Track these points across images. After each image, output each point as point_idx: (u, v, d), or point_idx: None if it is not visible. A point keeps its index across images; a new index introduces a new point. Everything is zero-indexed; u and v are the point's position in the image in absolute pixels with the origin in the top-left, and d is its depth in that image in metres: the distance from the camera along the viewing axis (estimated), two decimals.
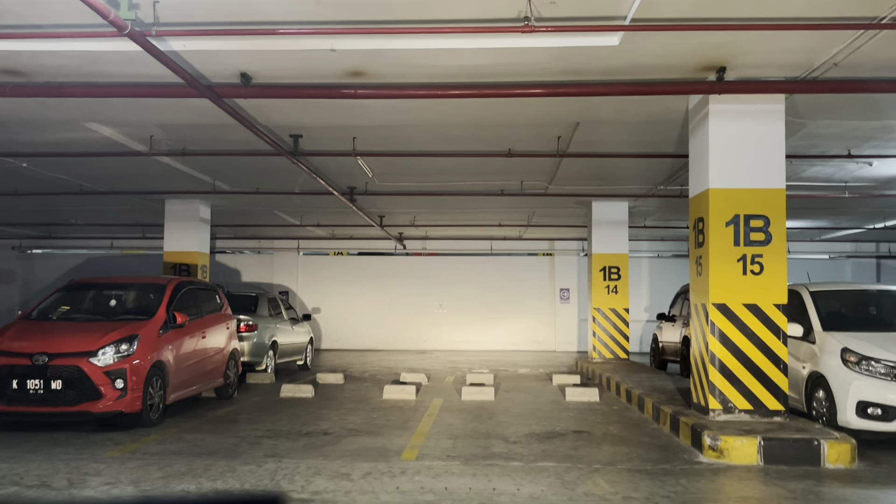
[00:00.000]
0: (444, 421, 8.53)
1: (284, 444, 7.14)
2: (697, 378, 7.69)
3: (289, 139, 10.10)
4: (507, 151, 10.48)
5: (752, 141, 7.37)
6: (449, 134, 9.87)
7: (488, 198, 14.46)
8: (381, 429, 8.01)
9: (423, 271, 23.18)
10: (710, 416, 7.28)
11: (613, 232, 15.56)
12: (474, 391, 10.53)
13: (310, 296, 23.01)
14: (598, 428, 8.14)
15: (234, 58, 6.93)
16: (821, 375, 7.46)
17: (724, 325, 7.30)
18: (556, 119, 9.03)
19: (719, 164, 7.39)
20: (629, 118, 8.89)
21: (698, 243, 7.72)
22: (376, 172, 12.33)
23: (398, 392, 10.52)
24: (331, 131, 9.78)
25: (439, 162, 11.35)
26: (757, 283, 7.30)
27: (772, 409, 7.20)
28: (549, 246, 22.98)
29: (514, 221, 18.64)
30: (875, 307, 8.55)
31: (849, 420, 6.95)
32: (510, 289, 22.78)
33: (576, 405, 9.92)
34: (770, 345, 7.24)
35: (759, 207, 7.34)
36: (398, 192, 13.79)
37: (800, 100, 7.93)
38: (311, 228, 20.01)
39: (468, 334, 22.60)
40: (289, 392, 10.67)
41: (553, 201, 14.99)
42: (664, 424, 8.03)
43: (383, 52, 6.66)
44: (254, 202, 15.74)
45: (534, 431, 7.86)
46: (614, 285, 15.44)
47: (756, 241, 7.33)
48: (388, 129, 9.51)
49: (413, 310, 22.90)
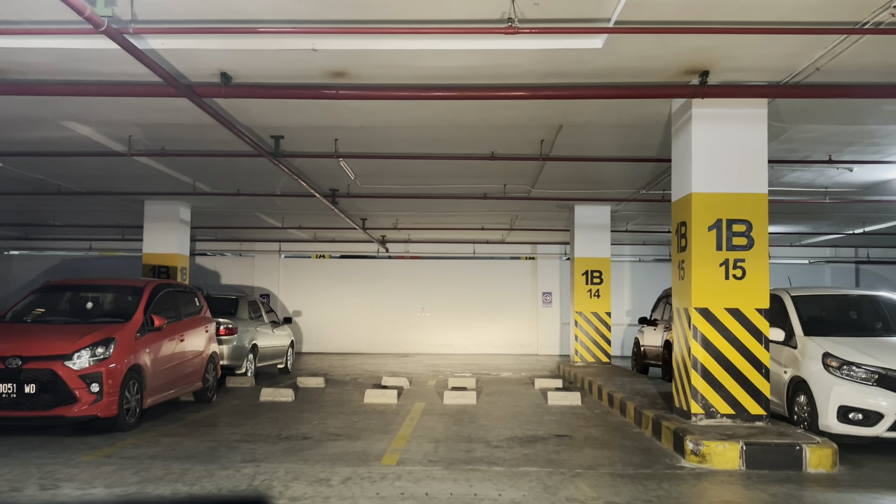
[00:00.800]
0: (425, 425, 8.46)
1: (263, 448, 7.04)
2: (679, 382, 7.68)
3: (270, 140, 10.00)
4: (491, 154, 10.45)
5: (735, 145, 7.38)
6: (432, 136, 9.82)
7: (471, 201, 14.42)
8: (362, 433, 7.92)
9: (405, 274, 23.10)
10: (692, 420, 7.27)
11: (596, 236, 15.59)
12: (456, 395, 10.47)
13: (291, 298, 22.86)
14: (579, 432, 8.11)
15: (213, 57, 6.83)
16: (802, 380, 7.47)
17: (707, 329, 7.29)
18: (539, 122, 9.01)
19: (702, 169, 7.39)
20: (612, 121, 8.88)
21: (681, 247, 7.71)
22: (358, 174, 12.25)
23: (379, 396, 10.44)
24: (312, 132, 9.70)
25: (422, 164, 11.29)
26: (739, 287, 7.30)
27: (754, 414, 7.20)
28: (532, 249, 22.99)
29: (497, 225, 18.62)
30: (856, 312, 8.58)
31: (830, 425, 6.96)
32: (493, 292, 22.75)
33: (558, 409, 9.89)
34: (752, 349, 7.24)
35: (742, 212, 7.35)
36: (380, 195, 13.72)
37: (782, 104, 7.95)
38: (292, 231, 19.87)
39: (451, 338, 22.54)
40: (268, 396, 10.55)
41: (536, 205, 14.99)
42: (646, 429, 8.01)
43: (365, 53, 6.59)
44: (234, 204, 15.59)
45: (516, 435, 7.81)
46: (596, 289, 15.46)
47: (738, 246, 7.33)
48: (371, 130, 9.45)
49: (395, 313, 22.81)
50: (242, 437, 7.65)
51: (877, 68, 6.85)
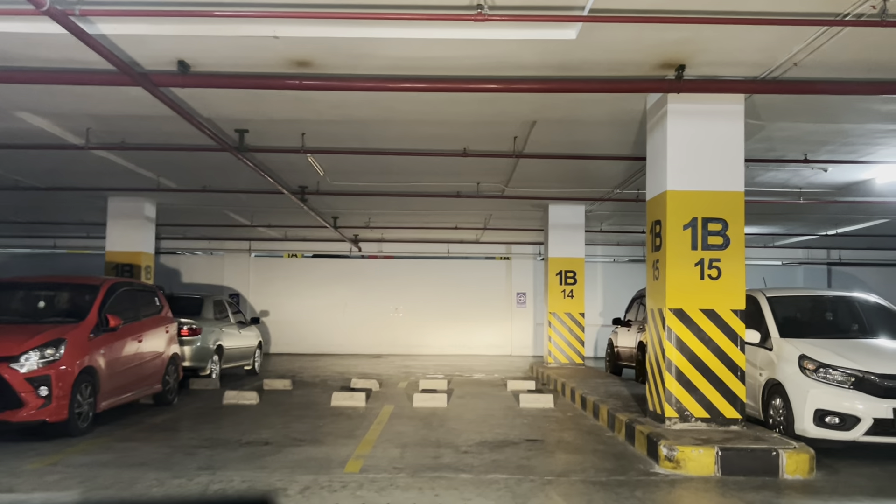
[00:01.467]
0: (393, 429, 8.18)
1: (222, 454, 6.71)
2: (653, 385, 7.48)
3: (234, 134, 9.66)
4: (463, 151, 10.19)
5: (711, 142, 7.20)
6: (402, 131, 9.54)
7: (444, 199, 14.15)
8: (327, 437, 7.62)
9: (378, 274, 22.78)
10: (666, 424, 7.07)
11: (570, 235, 15.40)
12: (426, 397, 10.20)
13: (261, 298, 22.43)
14: (551, 436, 7.88)
15: (170, 44, 6.50)
16: (778, 383, 7.30)
17: (681, 330, 7.09)
18: (512, 117, 8.77)
19: (677, 166, 7.20)
20: (586, 118, 8.67)
21: (655, 247, 7.51)
22: (328, 171, 11.93)
23: (347, 399, 10.14)
24: (278, 126, 9.38)
25: (392, 160, 11.00)
26: (714, 287, 7.11)
27: (729, 418, 7.01)
28: (507, 250, 22.78)
29: (471, 224, 18.38)
30: (832, 313, 8.45)
31: (806, 429, 6.79)
32: (467, 293, 22.51)
33: (530, 412, 9.66)
34: (727, 351, 7.05)
35: (718, 210, 7.16)
36: (351, 192, 13.41)
37: (759, 101, 7.79)
38: (262, 229, 19.48)
39: (424, 338, 22.25)
40: (232, 398, 10.20)
41: (510, 204, 14.76)
42: (619, 432, 7.80)
43: (329, 41, 6.30)
44: (202, 201, 15.18)
45: (486, 440, 7.56)
46: (570, 289, 15.27)
47: (714, 245, 7.14)
48: (339, 124, 9.15)
49: (368, 313, 22.48)
50: (201, 442, 7.31)
51: (855, 64, 6.70)
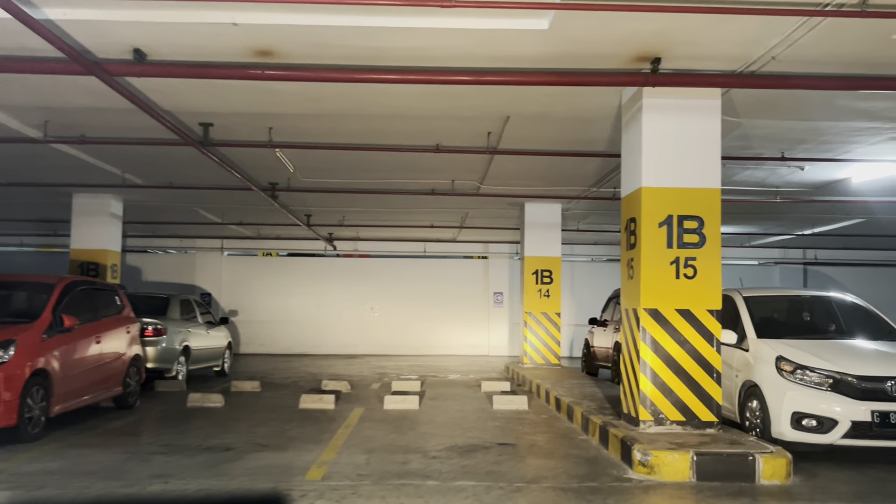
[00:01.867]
0: (361, 433, 7.92)
1: (179, 461, 6.41)
2: (628, 387, 7.28)
3: (198, 128, 9.33)
4: (436, 147, 9.94)
5: (687, 138, 7.01)
6: (372, 126, 9.26)
7: (419, 197, 13.89)
8: (291, 443, 7.34)
9: (354, 273, 22.46)
10: (640, 427, 6.87)
11: (546, 234, 15.22)
12: (398, 400, 9.94)
13: (234, 298, 22.01)
14: (524, 439, 7.66)
15: (124, 31, 6.20)
16: (755, 385, 7.14)
17: (656, 331, 6.90)
18: (485, 112, 8.54)
19: (652, 162, 7.00)
20: (561, 113, 8.46)
21: (630, 245, 7.32)
22: (298, 167, 11.62)
23: (316, 401, 9.85)
24: (244, 120, 9.07)
25: (363, 157, 10.73)
26: (690, 287, 6.93)
27: (704, 421, 6.83)
28: (484, 248, 22.57)
29: (447, 223, 18.14)
30: (809, 313, 8.30)
31: (783, 432, 6.62)
32: (444, 292, 22.26)
33: (503, 414, 9.44)
34: (703, 353, 6.87)
35: (694, 208, 6.97)
36: (323, 189, 13.09)
37: (736, 96, 7.62)
38: (234, 227, 19.11)
39: (400, 338, 21.97)
40: (196, 401, 9.88)
41: (486, 202, 14.55)
42: (593, 436, 7.60)
43: (291, 29, 6.03)
44: (170, 198, 14.79)
45: (456, 444, 7.32)
46: (546, 289, 15.08)
47: (690, 244, 6.96)
48: (307, 118, 8.87)
49: (343, 313, 22.15)
50: (159, 448, 7.01)
51: (833, 59, 6.54)
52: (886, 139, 9.55)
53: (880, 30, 5.86)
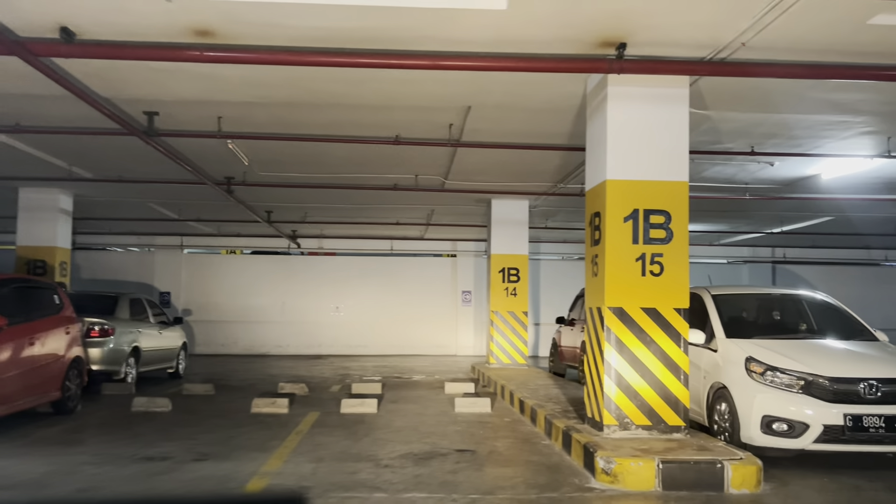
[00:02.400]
0: (313, 439, 7.48)
1: (108, 473, 5.93)
2: (592, 390, 6.93)
3: (142, 116, 8.82)
4: (395, 138, 9.51)
5: (654, 128, 6.67)
6: (327, 116, 8.82)
7: (382, 193, 13.45)
8: (236, 451, 6.88)
9: (319, 272, 21.94)
10: (604, 432, 6.52)
11: (513, 231, 14.88)
12: (355, 403, 9.50)
13: (194, 297, 21.36)
14: (484, 445, 7.27)
15: (49, 7, 5.71)
16: (724, 387, 6.83)
17: (621, 331, 6.55)
18: (445, 101, 8.14)
19: (618, 153, 6.65)
20: (524, 103, 8.10)
21: (594, 241, 6.97)
22: (253, 160, 11.14)
23: (269, 405, 9.38)
24: (191, 108, 8.58)
25: (320, 149, 10.28)
26: (657, 284, 6.60)
27: (671, 425, 6.50)
28: (452, 247, 22.19)
29: (412, 219, 17.72)
30: (779, 313, 8.02)
31: (752, 436, 6.32)
32: (411, 291, 21.83)
33: (465, 417, 9.05)
34: (670, 353, 6.53)
35: (661, 202, 6.64)
36: (281, 184, 12.62)
37: (705, 86, 7.31)
38: (193, 224, 18.51)
39: (366, 338, 21.50)
40: (141, 406, 9.36)
41: (452, 198, 14.16)
42: (556, 441, 7.24)
43: (232, 6, 5.58)
44: (123, 192, 14.21)
45: (412, 451, 6.92)
46: (513, 287, 14.74)
47: (656, 239, 6.62)
48: (257, 106, 8.40)
49: (308, 313, 21.62)
50: (91, 458, 6.50)
51: (805, 46, 6.24)
52: (857, 133, 9.33)
53: (856, 13, 5.56)
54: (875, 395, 6.14)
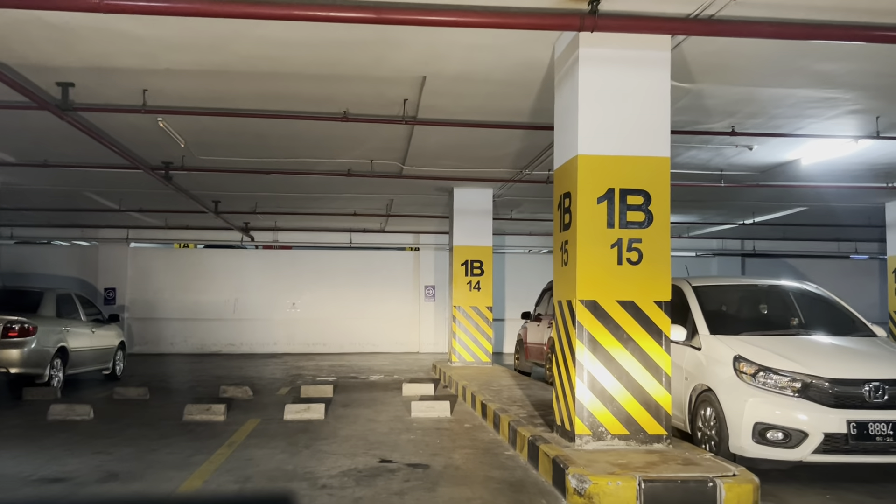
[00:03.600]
0: (245, 453, 6.55)
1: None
2: (562, 394, 6.11)
3: (56, 88, 7.79)
4: (343, 114, 8.58)
5: (632, 96, 5.86)
6: (263, 88, 7.86)
7: (336, 180, 12.52)
8: (152, 469, 5.93)
9: (274, 266, 20.90)
10: (576, 443, 5.70)
11: (477, 222, 14.05)
12: (300, 409, 8.58)
13: (140, 293, 20.18)
14: (439, 458, 6.41)
15: None
16: (708, 389, 6.06)
17: (595, 327, 5.74)
18: (397, 70, 7.25)
19: (591, 125, 5.83)
20: (485, 72, 7.25)
21: (564, 225, 6.14)
22: (191, 142, 10.14)
23: (203, 412, 8.41)
24: (111, 79, 7.57)
25: (262, 128, 9.31)
26: (634, 274, 5.80)
27: (652, 434, 5.70)
28: (415, 240, 21.30)
29: (371, 210, 16.78)
30: (767, 305, 7.28)
31: (743, 446, 5.56)
32: (372, 286, 20.90)
33: (421, 424, 8.19)
34: (650, 353, 5.74)
35: (639, 180, 5.84)
36: (224, 169, 11.61)
37: (687, 52, 6.52)
38: (137, 216, 17.33)
39: (324, 336, 20.55)
40: (58, 414, 8.34)
41: (411, 186, 13.26)
42: (521, 451, 6.41)
43: None
44: (53, 179, 13.07)
45: (356, 466, 6.03)
46: (477, 281, 13.92)
47: (634, 223, 5.82)
48: (182, 76, 7.42)
49: (262, 309, 20.58)
50: None
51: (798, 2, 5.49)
52: (843, 112, 8.66)
53: None
54: (882, 399, 5.41)
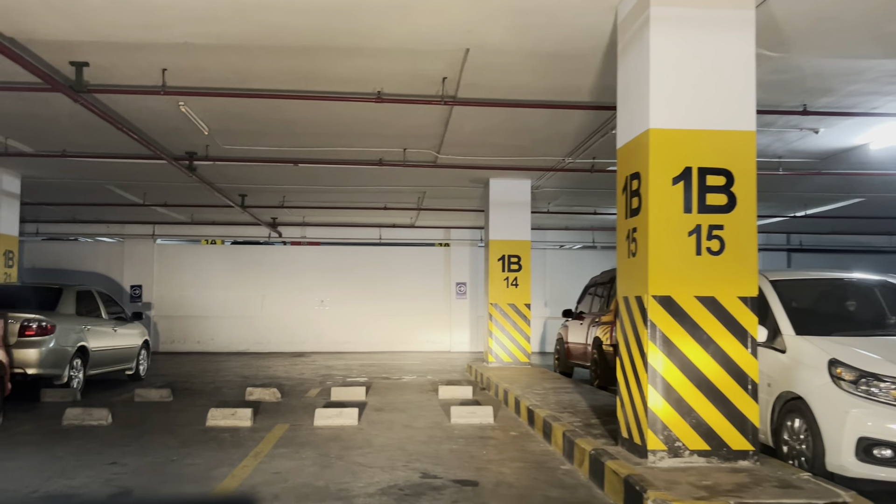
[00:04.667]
0: (272, 464, 5.92)
1: None
2: (629, 403, 5.38)
3: (69, 68, 7.22)
4: (377, 95, 7.92)
5: (711, 61, 5.12)
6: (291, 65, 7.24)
7: (367, 170, 11.90)
8: (168, 483, 5.32)
9: (302, 263, 20.38)
10: (648, 459, 4.98)
11: (514, 215, 13.34)
12: (332, 413, 7.94)
13: (167, 290, 19.76)
14: (488, 473, 5.72)
15: None
16: (797, 398, 5.30)
17: (670, 327, 5.01)
18: (436, 42, 6.56)
19: (664, 95, 5.10)
20: (533, 43, 6.53)
21: (631, 211, 5.41)
22: (215, 130, 9.57)
23: (228, 416, 7.81)
24: (126, 56, 7.00)
25: (288, 112, 8.71)
26: (715, 266, 5.05)
27: (736, 450, 4.96)
28: (445, 235, 20.64)
29: (402, 203, 16.13)
30: (854, 302, 6.48)
31: (844, 464, 4.80)
32: (401, 283, 20.28)
33: (463, 431, 7.51)
34: (734, 356, 5.00)
35: (720, 158, 5.09)
36: (250, 159, 11.04)
37: (775, 10, 5.74)
38: (162, 211, 16.86)
39: (353, 334, 19.96)
40: (74, 418, 7.78)
41: (445, 177, 12.60)
42: (580, 466, 5.70)
43: None
44: (77, 173, 12.62)
45: (395, 482, 5.37)
46: (514, 277, 13.20)
47: (715, 207, 5.07)
48: (203, 51, 6.82)
49: (290, 307, 20.06)
50: None
51: None
52: None
53: None
54: None
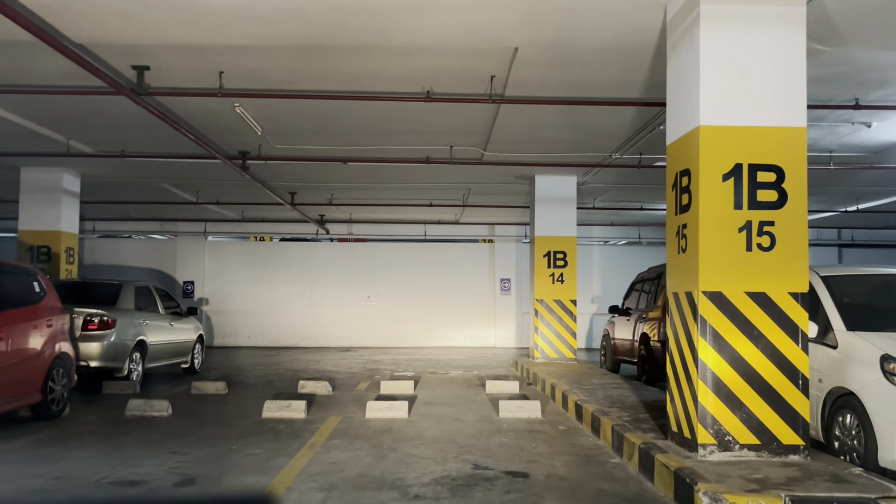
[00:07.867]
0: (327, 455, 6.11)
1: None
2: (679, 398, 5.43)
3: (131, 71, 7.51)
4: (426, 94, 8.07)
5: (761, 58, 5.13)
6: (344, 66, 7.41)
7: (414, 168, 12.07)
8: (230, 473, 5.53)
9: (348, 259, 20.69)
10: (699, 453, 5.03)
11: (560, 211, 13.36)
12: (383, 406, 8.13)
13: (218, 286, 20.26)
14: (539, 466, 5.82)
15: None
16: (849, 393, 5.29)
17: (720, 322, 5.05)
18: (486, 39, 6.67)
19: (714, 92, 5.13)
20: (584, 40, 6.59)
21: (681, 207, 5.45)
22: (268, 129, 9.82)
23: (283, 408, 8.05)
24: (186, 59, 7.25)
25: (340, 111, 8.90)
26: (766, 262, 5.07)
27: (787, 445, 4.99)
28: (489, 231, 20.74)
29: (447, 200, 16.28)
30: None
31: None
32: (446, 279, 20.45)
33: (511, 425, 7.62)
34: (784, 352, 5.02)
35: (771, 154, 5.11)
36: (301, 157, 11.28)
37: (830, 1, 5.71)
38: (214, 208, 17.28)
39: (398, 329, 20.20)
40: (136, 409, 8.10)
41: (490, 173, 12.69)
42: (630, 460, 5.77)
43: None
44: (133, 172, 13.02)
45: (448, 473, 5.50)
46: (560, 273, 13.23)
47: (766, 203, 5.09)
48: (259, 52, 7.03)
49: (337, 302, 20.38)
50: (47, 482, 5.21)
51: None
52: None
53: None
54: None
